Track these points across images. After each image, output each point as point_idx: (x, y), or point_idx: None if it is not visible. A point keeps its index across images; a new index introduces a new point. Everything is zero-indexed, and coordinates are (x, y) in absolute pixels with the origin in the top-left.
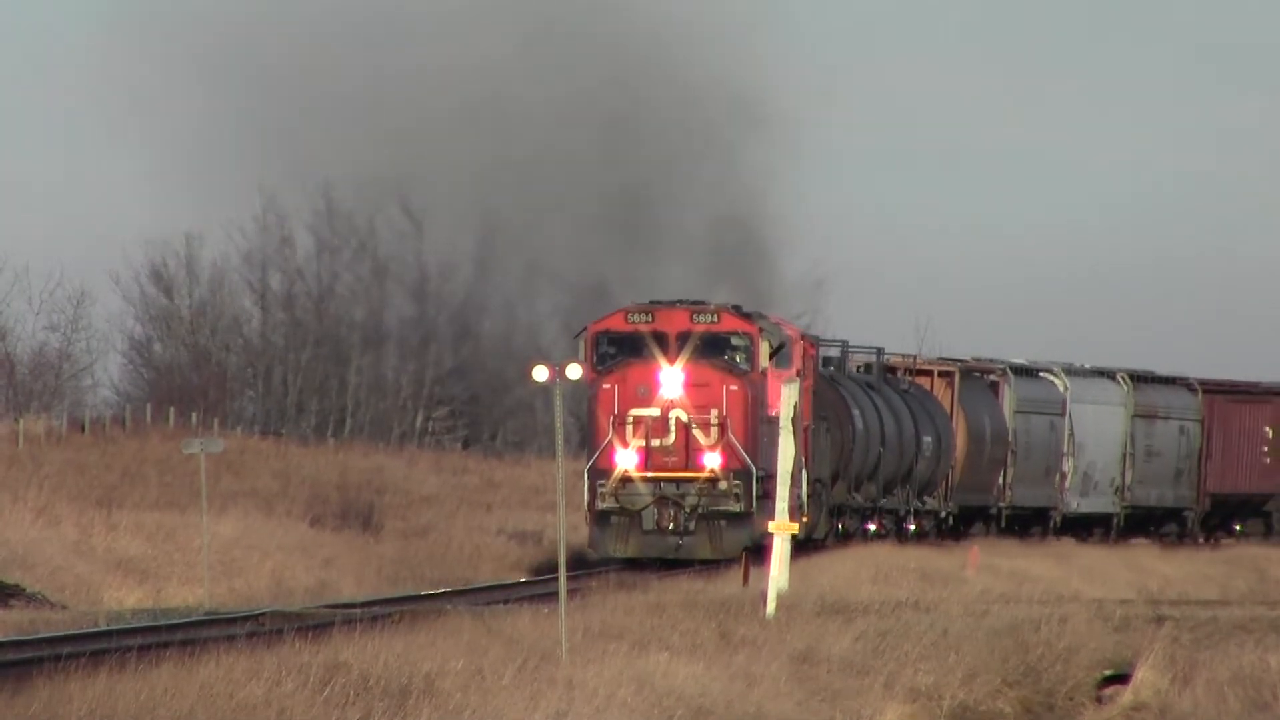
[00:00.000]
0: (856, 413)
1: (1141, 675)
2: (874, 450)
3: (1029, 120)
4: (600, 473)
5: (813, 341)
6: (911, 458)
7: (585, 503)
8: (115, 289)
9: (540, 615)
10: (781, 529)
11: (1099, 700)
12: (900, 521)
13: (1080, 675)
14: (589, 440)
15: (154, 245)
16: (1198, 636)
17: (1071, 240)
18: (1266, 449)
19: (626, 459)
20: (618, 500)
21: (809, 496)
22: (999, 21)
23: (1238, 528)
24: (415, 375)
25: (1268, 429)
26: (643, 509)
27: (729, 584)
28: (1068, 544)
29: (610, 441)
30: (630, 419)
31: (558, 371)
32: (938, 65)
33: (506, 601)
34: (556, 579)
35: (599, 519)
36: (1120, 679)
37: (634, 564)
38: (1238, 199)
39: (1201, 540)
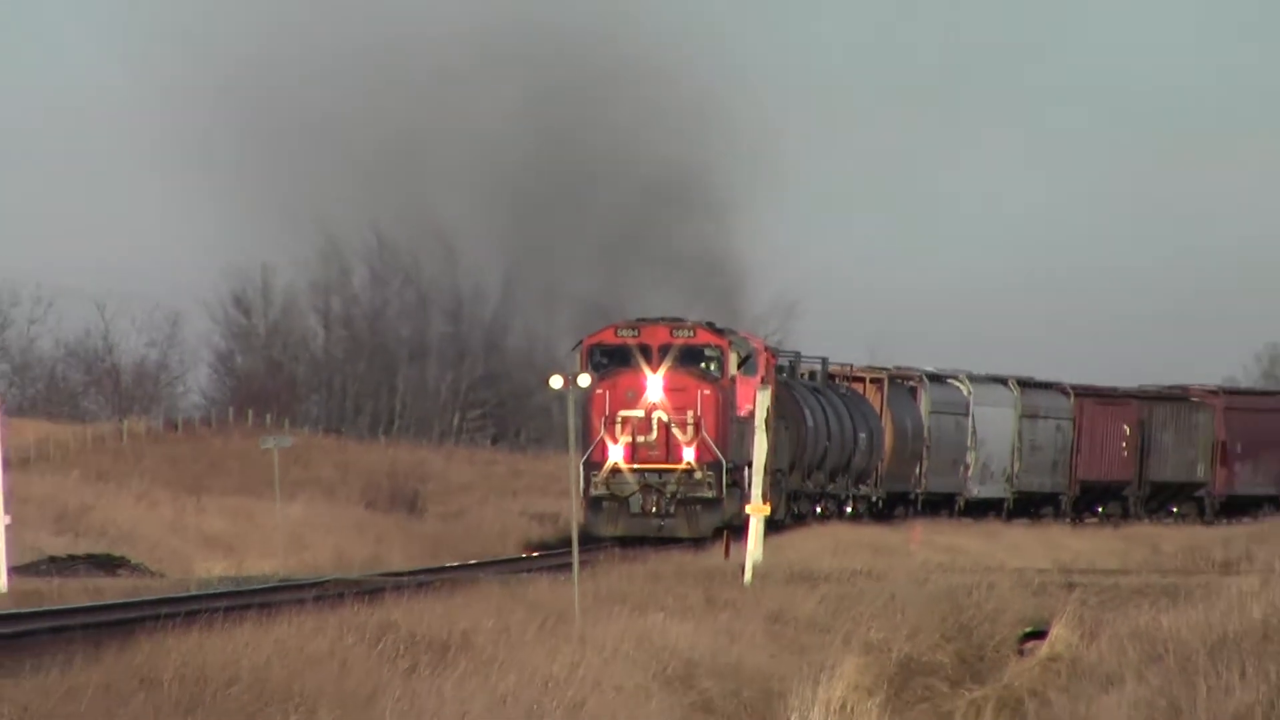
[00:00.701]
0: (808, 413)
1: (1056, 632)
2: (821, 445)
3: (953, 176)
4: (594, 465)
5: (773, 353)
6: (850, 451)
7: (581, 490)
8: (204, 311)
9: (557, 583)
10: (757, 511)
11: (1020, 653)
12: (840, 505)
13: (1005, 632)
14: (584, 437)
15: (235, 275)
16: (1102, 600)
17: (978, 267)
18: (1124, 444)
19: (616, 453)
20: (608, 488)
21: (771, 485)
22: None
23: (1100, 510)
24: (452, 383)
25: (1125, 427)
26: (630, 495)
27: (713, 557)
28: (995, 523)
29: (602, 438)
30: (619, 419)
31: (571, 380)
32: (880, 137)
33: (529, 571)
34: (570, 553)
35: (592, 504)
36: (1038, 635)
37: (624, 541)
38: (1111, 237)
39: (1069, 521)
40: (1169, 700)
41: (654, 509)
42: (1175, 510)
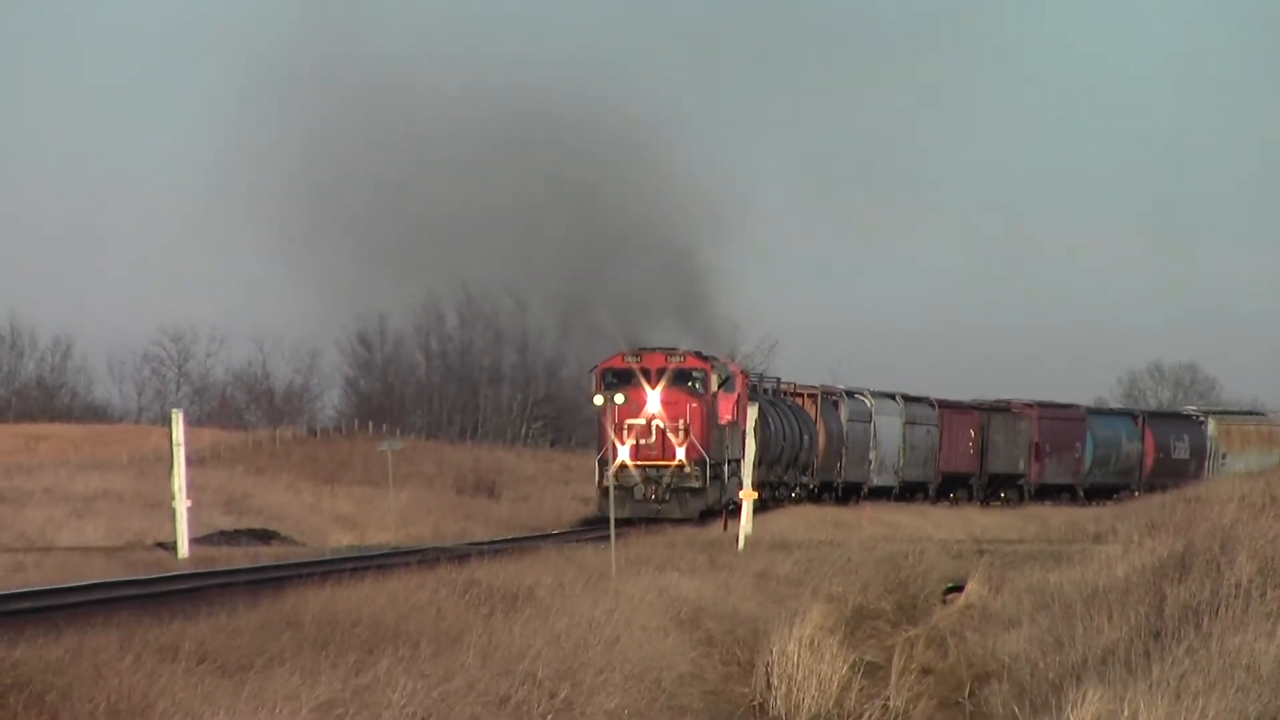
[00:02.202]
0: (771, 421)
1: (970, 586)
2: (779, 445)
3: (889, 244)
4: (606, 462)
5: (746, 374)
6: (797, 450)
7: (596, 481)
8: (336, 347)
9: (598, 549)
10: (748, 496)
11: (944, 602)
12: (790, 491)
13: (933, 586)
14: (598, 440)
15: (360, 320)
16: (1005, 562)
17: (905, 310)
18: (971, 444)
19: (623, 452)
20: (617, 480)
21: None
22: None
23: (952, 495)
24: (521, 401)
25: (972, 431)
26: (634, 485)
27: (714, 530)
28: (924, 504)
29: (612, 441)
30: (626, 426)
31: (609, 399)
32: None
33: (577, 541)
34: (608, 527)
35: (605, 493)
36: (957, 589)
37: (629, 521)
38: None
39: (934, 501)
40: (1055, 637)
41: (653, 496)
42: (1003, 495)
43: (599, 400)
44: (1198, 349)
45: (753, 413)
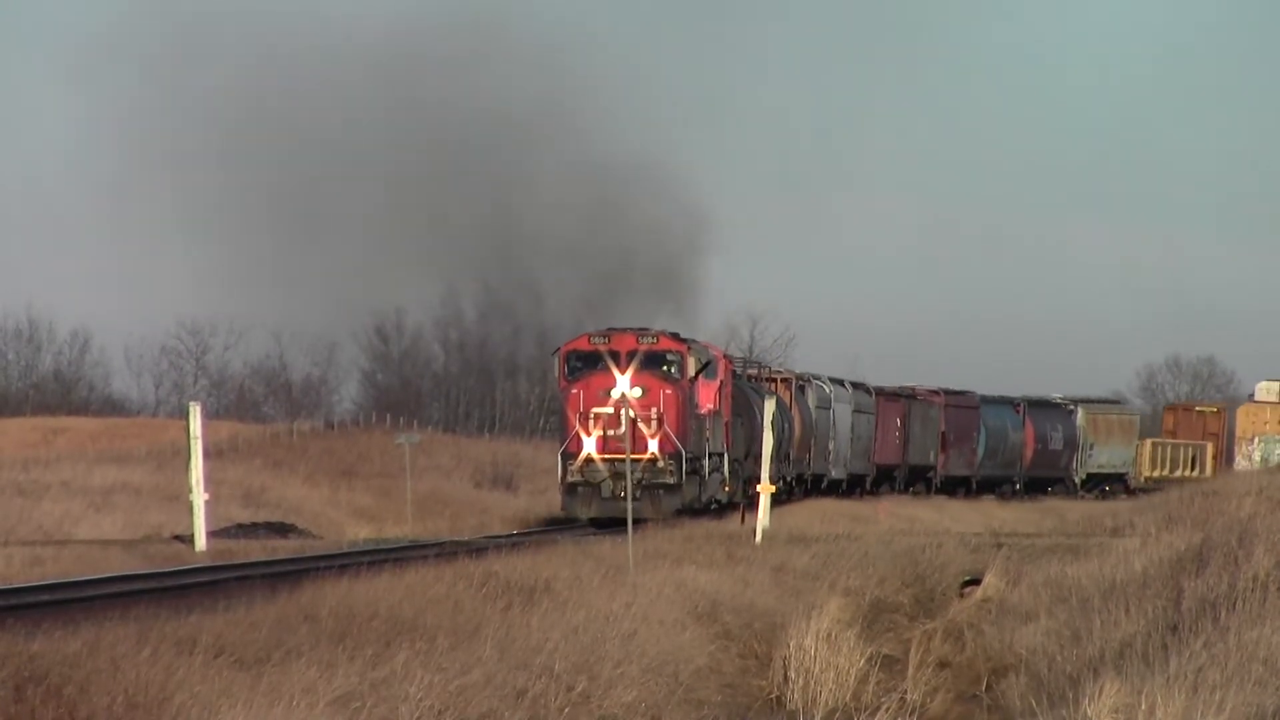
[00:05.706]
0: (757, 410)
1: (988, 580)
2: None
3: (888, 240)
4: (570, 455)
5: (731, 360)
6: (780, 440)
7: (559, 477)
8: (354, 341)
9: (616, 543)
10: (765, 489)
11: (961, 595)
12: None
13: (950, 580)
14: (561, 430)
15: (377, 314)
16: (1023, 555)
17: (913, 302)
18: (897, 434)
19: (589, 445)
20: (583, 475)
21: (730, 472)
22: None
23: (881, 489)
24: (539, 394)
25: (898, 420)
26: (601, 481)
27: (732, 524)
28: (940, 497)
29: (577, 432)
30: (592, 415)
31: (625, 393)
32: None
33: (594, 534)
34: (567, 526)
35: (569, 489)
36: (975, 582)
37: (598, 522)
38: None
39: (865, 496)
40: (1072, 631)
41: (622, 493)
42: (911, 490)
43: (615, 394)
44: (1216, 343)
45: (770, 405)
